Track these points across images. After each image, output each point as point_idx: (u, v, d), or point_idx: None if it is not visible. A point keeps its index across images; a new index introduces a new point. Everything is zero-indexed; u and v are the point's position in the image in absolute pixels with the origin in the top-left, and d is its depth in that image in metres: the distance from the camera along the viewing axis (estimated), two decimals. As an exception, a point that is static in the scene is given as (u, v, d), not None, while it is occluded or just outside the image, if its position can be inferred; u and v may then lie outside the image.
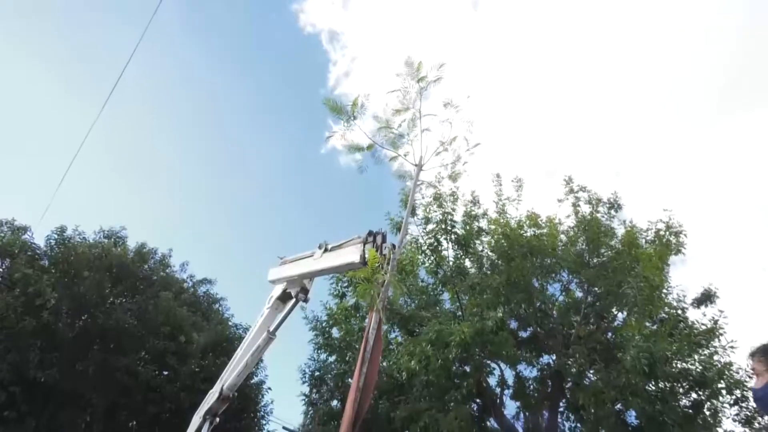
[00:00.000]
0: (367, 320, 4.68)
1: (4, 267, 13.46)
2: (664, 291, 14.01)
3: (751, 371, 2.49)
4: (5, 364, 11.75)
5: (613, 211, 15.08)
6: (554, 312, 15.51)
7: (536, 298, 14.64)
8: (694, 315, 14.43)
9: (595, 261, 14.55)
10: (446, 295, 16.00)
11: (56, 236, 14.06)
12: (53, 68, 51.32)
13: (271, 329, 7.15)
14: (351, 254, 5.53)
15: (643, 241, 14.97)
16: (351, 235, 5.68)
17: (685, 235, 14.91)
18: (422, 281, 15.81)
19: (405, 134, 5.08)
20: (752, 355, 2.48)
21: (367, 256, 5.07)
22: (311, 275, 6.68)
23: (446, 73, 5.04)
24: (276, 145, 70.19)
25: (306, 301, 7.05)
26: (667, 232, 14.92)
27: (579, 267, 14.34)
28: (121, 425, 14.23)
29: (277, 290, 7.15)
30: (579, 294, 15.63)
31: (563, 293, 15.90)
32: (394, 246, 5.10)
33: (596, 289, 14.38)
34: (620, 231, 15.06)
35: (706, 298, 14.76)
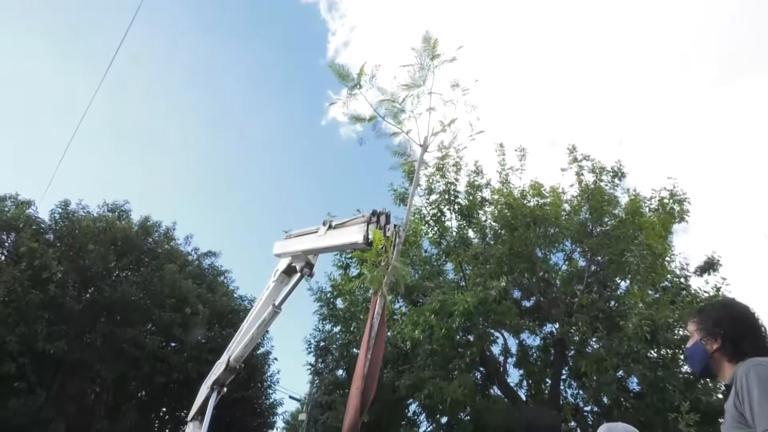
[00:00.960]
0: (370, 305, 4.48)
1: (9, 241, 13.53)
2: (667, 259, 14.04)
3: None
4: (14, 337, 11.89)
5: (616, 180, 15.02)
6: (557, 281, 15.59)
7: (539, 268, 14.69)
8: (696, 283, 14.48)
9: (598, 230, 14.56)
10: (449, 266, 16.08)
11: (60, 210, 14.10)
12: (52, 40, 50.79)
13: (277, 303, 7.17)
14: (354, 234, 5.50)
15: (647, 209, 14.96)
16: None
17: (688, 202, 14.88)
18: (425, 252, 15.87)
19: (410, 111, 4.92)
20: (690, 316, 2.40)
21: (370, 237, 5.03)
22: (315, 252, 6.67)
23: (459, 53, 4.84)
24: (276, 116, 69.78)
25: (311, 276, 7.04)
26: (671, 200, 14.90)
27: (582, 236, 14.36)
28: (131, 395, 14.47)
29: (283, 264, 7.15)
30: (582, 263, 15.69)
31: (566, 262, 15.96)
32: (397, 227, 4.99)
33: (599, 258, 14.42)
34: (624, 200, 15.04)
35: (709, 266, 14.80)
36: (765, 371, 1.91)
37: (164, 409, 15.96)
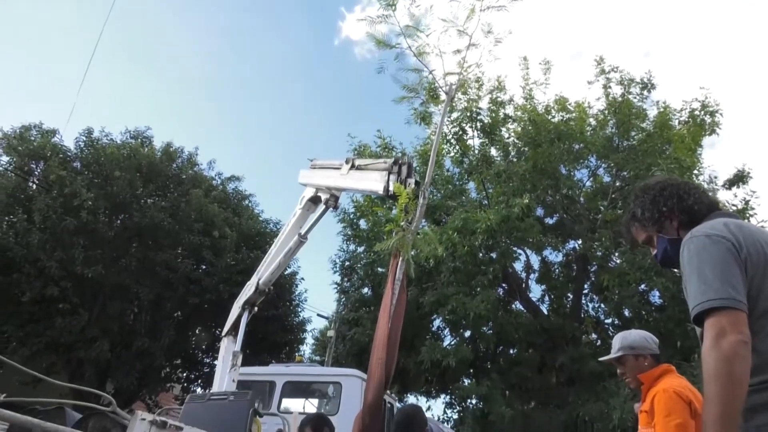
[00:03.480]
0: (390, 269, 4.21)
1: (38, 170, 13.82)
2: (695, 172, 13.77)
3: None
4: (54, 262, 12.38)
5: (645, 92, 14.53)
6: (581, 198, 15.49)
7: (563, 185, 14.58)
8: (725, 196, 14.24)
9: (624, 144, 14.26)
10: (472, 185, 16.05)
11: (84, 138, 14.23)
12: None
13: (303, 232, 7.23)
14: (375, 182, 5.40)
15: (676, 122, 14.54)
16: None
17: (720, 114, 14.39)
18: (447, 171, 15.81)
19: (439, 48, 4.58)
20: (630, 226, 2.16)
21: (391, 188, 4.90)
22: (336, 190, 6.66)
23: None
24: (291, 36, 68.02)
25: (336, 208, 7.04)
26: (702, 112, 14.41)
27: (608, 151, 14.11)
28: (167, 315, 15.13)
29: (309, 192, 7.17)
30: (607, 179, 15.51)
31: (591, 179, 15.79)
32: (418, 183, 4.81)
33: (625, 173, 14.22)
34: (652, 113, 14.61)
35: (739, 179, 14.50)
36: (695, 244, 1.66)
37: (199, 328, 16.69)
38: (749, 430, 1.49)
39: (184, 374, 17.16)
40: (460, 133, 14.52)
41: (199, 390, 15.53)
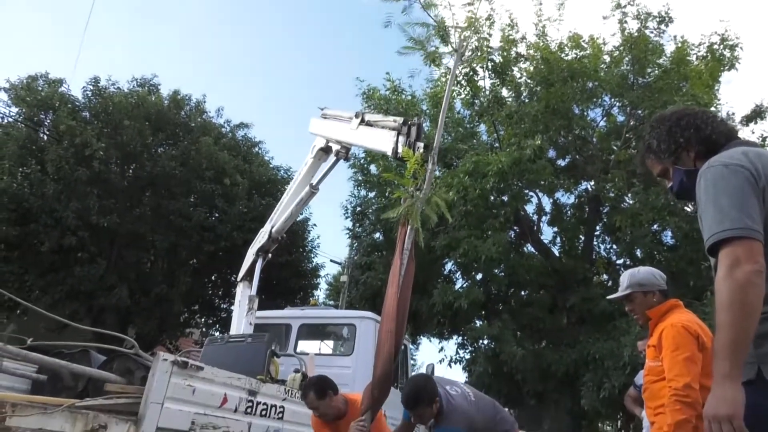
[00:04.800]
0: (398, 237, 4.10)
1: (48, 121, 13.80)
2: (713, 109, 13.46)
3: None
4: (69, 212, 12.55)
5: (662, 26, 14.04)
6: (594, 138, 15.28)
7: (576, 125, 14.36)
8: (742, 133, 13.97)
9: (640, 81, 13.92)
10: (483, 127, 15.85)
11: (92, 87, 14.11)
12: None
13: (314, 183, 7.24)
14: (384, 142, 5.33)
15: (694, 57, 14.11)
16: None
17: (741, 48, 13.92)
18: (458, 113, 15.59)
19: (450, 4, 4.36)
20: (646, 159, 2.10)
21: (400, 150, 4.84)
22: (345, 144, 6.60)
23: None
24: (298, -21, 66.03)
25: (347, 159, 7.03)
26: (721, 46, 13.94)
27: (622, 89, 13.79)
28: (183, 262, 15.38)
29: (320, 141, 7.13)
30: (621, 118, 15.24)
31: (604, 118, 15.54)
32: (427, 147, 4.70)
33: (639, 111, 13.94)
34: (669, 48, 14.17)
35: (756, 115, 14.20)
36: (712, 173, 1.62)
37: (215, 275, 16.99)
38: (759, 357, 1.50)
39: (203, 319, 17.63)
40: (471, 73, 14.21)
41: (217, 334, 15.97)
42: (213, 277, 17.09)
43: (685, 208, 12.22)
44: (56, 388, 4.19)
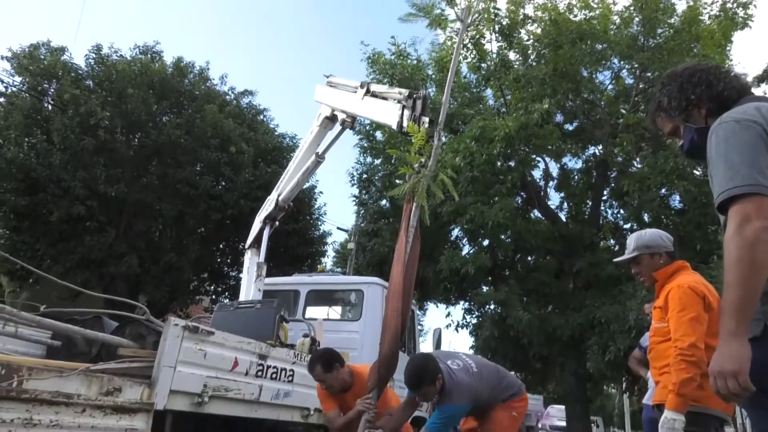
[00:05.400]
0: (403, 215, 4.08)
1: (52, 90, 13.71)
2: (725, 68, 13.21)
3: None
4: (77, 182, 12.58)
5: (675, -16, 13.69)
6: (602, 102, 15.08)
7: (584, 88, 14.16)
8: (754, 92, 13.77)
9: (650, 43, 13.65)
10: (489, 92, 15.66)
11: (94, 55, 13.97)
12: None
13: (320, 152, 7.22)
14: (389, 115, 5.28)
15: (706, 17, 13.79)
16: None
17: (754, 5, 13.58)
18: (464, 78, 15.38)
19: None
20: (657, 116, 2.06)
21: (405, 125, 4.79)
22: (350, 114, 6.55)
23: None
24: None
25: (352, 128, 6.99)
26: (734, 4, 13.60)
27: (632, 51, 13.54)
28: (191, 231, 15.46)
29: (325, 110, 7.07)
30: (630, 81, 15.01)
31: (613, 81, 15.30)
32: (432, 122, 4.60)
33: (649, 74, 13.72)
34: (681, 7, 13.85)
35: (768, 75, 13.93)
36: (724, 130, 1.59)
37: (223, 243, 17.09)
38: (766, 314, 1.50)
39: (212, 287, 17.81)
40: (477, 37, 13.97)
41: (227, 301, 16.18)
42: (221, 245, 17.21)
43: (694, 171, 12.12)
44: (71, 353, 4.29)
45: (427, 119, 4.72)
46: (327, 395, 4.16)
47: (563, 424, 20.05)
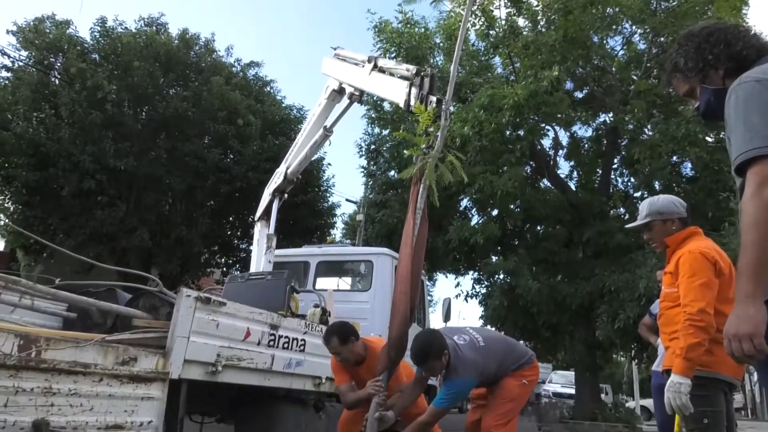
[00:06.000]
0: (411, 197, 4.02)
1: (58, 64, 13.67)
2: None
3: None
4: (86, 156, 12.62)
5: (689, -55, 13.27)
6: (613, 68, 14.81)
7: (595, 54, 13.90)
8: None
9: (663, 6, 13.33)
10: (498, 60, 15.42)
11: (99, 28, 13.88)
12: None
13: (328, 125, 7.18)
14: (396, 93, 5.21)
15: (722, -23, 13.38)
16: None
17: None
18: (473, 45, 15.14)
19: None
20: (672, 77, 1.99)
21: (412, 104, 4.73)
22: (357, 89, 6.49)
23: None
24: None
25: (360, 102, 6.94)
26: (752, -35, 13.19)
27: (644, 15, 13.23)
28: (200, 204, 15.54)
29: (333, 82, 7.01)
30: (642, 46, 14.70)
31: (624, 47, 15.00)
32: (440, 101, 4.46)
33: (661, 39, 13.42)
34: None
35: (786, 38, 13.58)
36: (744, 90, 1.53)
37: (233, 216, 17.17)
38: None
39: (222, 260, 17.98)
40: (486, 3, 13.69)
41: (237, 273, 16.34)
42: (231, 218, 17.30)
43: (707, 138, 11.95)
44: (86, 324, 4.37)
45: (434, 99, 4.66)
46: (341, 368, 4.21)
47: (567, 390, 20.27)
